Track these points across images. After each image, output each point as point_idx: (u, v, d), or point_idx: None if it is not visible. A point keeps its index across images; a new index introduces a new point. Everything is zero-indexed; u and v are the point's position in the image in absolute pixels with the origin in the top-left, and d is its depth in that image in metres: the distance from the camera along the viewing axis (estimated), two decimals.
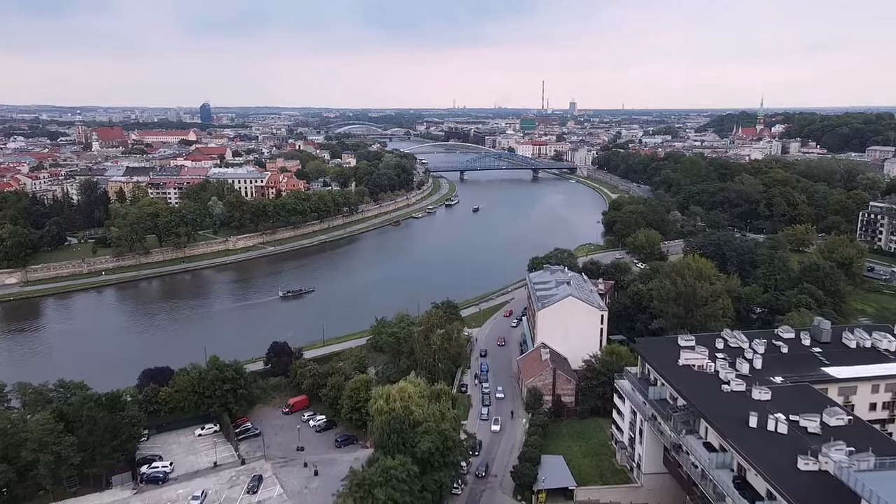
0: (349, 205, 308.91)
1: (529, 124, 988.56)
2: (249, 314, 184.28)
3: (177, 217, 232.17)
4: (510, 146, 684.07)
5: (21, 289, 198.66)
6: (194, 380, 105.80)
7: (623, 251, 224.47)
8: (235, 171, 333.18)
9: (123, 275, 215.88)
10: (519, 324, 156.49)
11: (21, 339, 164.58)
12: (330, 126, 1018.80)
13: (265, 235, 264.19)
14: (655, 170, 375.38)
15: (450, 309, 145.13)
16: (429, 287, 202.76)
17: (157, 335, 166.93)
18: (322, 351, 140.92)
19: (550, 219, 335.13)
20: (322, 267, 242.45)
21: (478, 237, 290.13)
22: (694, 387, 77.47)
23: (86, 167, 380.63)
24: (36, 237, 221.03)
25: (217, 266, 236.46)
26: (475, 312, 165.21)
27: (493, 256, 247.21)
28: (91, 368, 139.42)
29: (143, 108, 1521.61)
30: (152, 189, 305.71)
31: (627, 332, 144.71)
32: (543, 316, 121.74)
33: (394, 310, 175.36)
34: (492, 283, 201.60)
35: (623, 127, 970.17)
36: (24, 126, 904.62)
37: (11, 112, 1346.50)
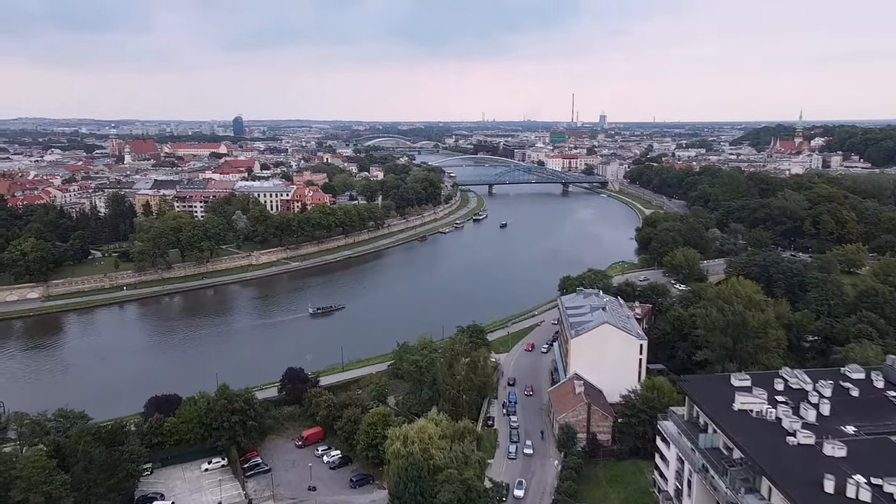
0: (375, 219, 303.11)
1: (559, 137, 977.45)
2: (272, 333, 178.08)
3: (200, 231, 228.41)
4: (540, 159, 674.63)
5: (42, 304, 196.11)
6: (201, 410, 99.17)
7: (659, 271, 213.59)
8: (261, 185, 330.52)
9: (145, 290, 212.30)
10: (549, 349, 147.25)
11: (37, 357, 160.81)
12: (359, 139, 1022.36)
13: (289, 250, 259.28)
14: (691, 184, 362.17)
15: (476, 333, 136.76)
16: (454, 307, 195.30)
17: (173, 355, 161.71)
18: (341, 377, 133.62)
19: (581, 235, 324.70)
20: (347, 283, 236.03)
21: (506, 254, 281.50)
22: (753, 437, 67.70)
23: (115, 180, 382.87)
24: (60, 251, 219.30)
25: (240, 281, 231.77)
26: (503, 336, 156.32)
27: (521, 274, 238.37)
28: (102, 390, 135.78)
29: (179, 121, 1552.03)
30: (178, 202, 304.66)
31: (667, 361, 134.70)
32: (577, 344, 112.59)
33: (417, 331, 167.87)
34: (521, 303, 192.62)
35: (655, 140, 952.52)
36: (63, 139, 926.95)
37: (52, 125, 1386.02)
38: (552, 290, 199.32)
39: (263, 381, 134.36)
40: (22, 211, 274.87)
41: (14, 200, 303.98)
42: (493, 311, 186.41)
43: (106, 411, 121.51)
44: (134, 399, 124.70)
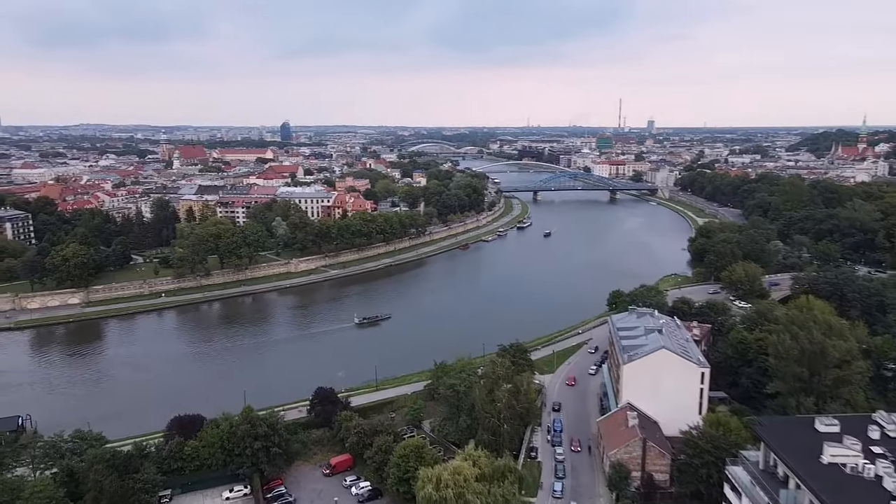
0: (416, 227, 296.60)
1: (606, 143, 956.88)
2: (311, 345, 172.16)
3: (238, 238, 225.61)
4: (586, 165, 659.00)
5: (82, 310, 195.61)
6: (224, 434, 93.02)
7: (716, 285, 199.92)
8: (303, 191, 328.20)
9: (183, 297, 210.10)
10: (598, 371, 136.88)
11: (74, 365, 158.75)
12: (404, 144, 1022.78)
13: (328, 258, 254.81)
14: (748, 192, 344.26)
15: (518, 353, 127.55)
16: (496, 319, 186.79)
17: (206, 367, 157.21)
18: (374, 396, 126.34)
19: (630, 245, 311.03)
20: (388, 293, 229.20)
21: (551, 264, 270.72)
22: (850, 501, 57.01)
23: (161, 185, 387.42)
24: (102, 256, 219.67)
25: (278, 289, 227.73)
26: (547, 356, 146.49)
27: (567, 286, 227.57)
28: (131, 403, 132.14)
29: (230, 127, 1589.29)
30: (221, 208, 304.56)
31: (729, 388, 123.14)
32: (630, 371, 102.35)
33: (456, 345, 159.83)
34: (566, 318, 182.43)
35: (706, 145, 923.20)
36: (119, 144, 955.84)
37: (111, 131, 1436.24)
38: (600, 305, 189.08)
39: (295, 397, 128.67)
40: (70, 215, 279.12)
41: (64, 205, 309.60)
42: (537, 325, 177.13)
43: (131, 427, 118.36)
44: (161, 414, 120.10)
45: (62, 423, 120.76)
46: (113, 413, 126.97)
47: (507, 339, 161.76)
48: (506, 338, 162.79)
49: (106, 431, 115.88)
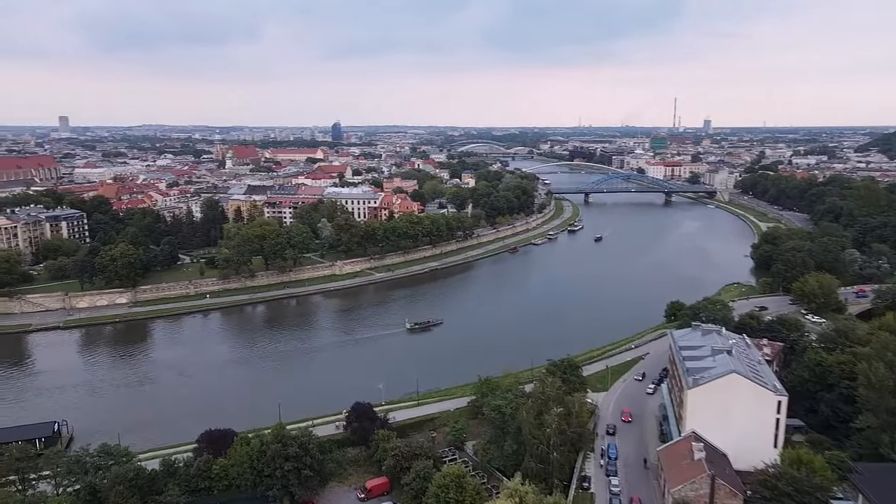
0: (463, 229, 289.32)
1: (660, 143, 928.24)
2: (356, 351, 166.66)
3: (283, 239, 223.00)
4: (640, 167, 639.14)
5: (129, 310, 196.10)
6: (253, 452, 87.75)
7: (784, 297, 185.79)
8: (350, 191, 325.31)
9: (228, 298, 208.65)
10: (656, 390, 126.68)
11: (118, 367, 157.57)
12: (453, 144, 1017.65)
13: (373, 260, 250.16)
14: (816, 196, 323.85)
15: (569, 369, 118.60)
16: (545, 329, 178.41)
17: (246, 372, 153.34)
18: (415, 412, 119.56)
19: (688, 250, 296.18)
20: (434, 297, 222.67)
21: (603, 269, 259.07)
22: None
23: (212, 185, 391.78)
24: (150, 256, 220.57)
25: (323, 292, 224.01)
26: (601, 371, 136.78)
27: (621, 294, 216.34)
28: (168, 411, 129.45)
29: (283, 127, 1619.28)
30: (268, 208, 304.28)
31: (806, 416, 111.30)
32: (695, 396, 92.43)
33: (502, 357, 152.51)
34: (620, 329, 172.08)
35: (766, 146, 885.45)
36: (177, 144, 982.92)
37: (171, 132, 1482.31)
38: (656, 316, 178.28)
39: (332, 408, 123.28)
40: (124, 214, 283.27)
41: (119, 204, 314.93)
42: (588, 336, 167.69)
43: (165, 435, 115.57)
44: (195, 423, 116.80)
45: (98, 430, 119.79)
46: (149, 420, 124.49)
47: (557, 350, 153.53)
48: (555, 349, 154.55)
49: (138, 440, 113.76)
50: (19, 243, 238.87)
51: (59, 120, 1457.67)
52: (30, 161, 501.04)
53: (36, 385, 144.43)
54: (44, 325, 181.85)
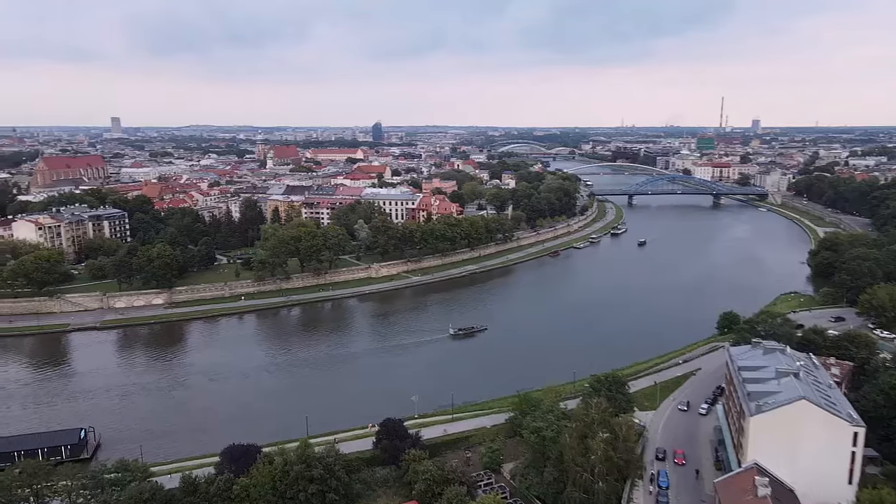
0: (503, 231, 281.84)
1: (707, 144, 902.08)
2: (394, 358, 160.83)
3: (319, 241, 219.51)
4: (686, 168, 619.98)
5: (165, 310, 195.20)
6: (276, 471, 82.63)
7: (848, 309, 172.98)
8: (388, 192, 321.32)
9: (263, 301, 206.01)
10: (709, 410, 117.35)
11: (151, 371, 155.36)
12: (494, 145, 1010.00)
13: (410, 263, 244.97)
14: (879, 200, 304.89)
15: (614, 386, 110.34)
16: (587, 338, 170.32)
17: (277, 381, 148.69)
18: (448, 427, 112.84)
19: (739, 256, 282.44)
20: (473, 302, 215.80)
21: (648, 275, 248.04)
22: None
23: (251, 185, 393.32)
24: (188, 256, 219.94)
25: (358, 295, 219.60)
26: (649, 387, 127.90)
27: (667, 302, 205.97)
28: (195, 419, 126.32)
29: (325, 127, 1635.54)
30: (306, 209, 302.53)
31: (879, 444, 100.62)
32: (758, 425, 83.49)
33: (542, 367, 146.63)
34: (668, 340, 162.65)
35: (820, 146, 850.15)
36: (222, 144, 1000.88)
37: (217, 132, 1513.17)
38: (707, 326, 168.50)
39: (363, 420, 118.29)
40: (165, 214, 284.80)
41: (161, 203, 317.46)
42: (635, 347, 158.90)
43: (189, 446, 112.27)
44: (221, 433, 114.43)
45: (125, 437, 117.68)
46: (176, 428, 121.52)
47: (600, 362, 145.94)
48: (598, 361, 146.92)
49: (163, 450, 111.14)
50: (62, 242, 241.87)
51: (111, 121, 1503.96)
52: (79, 161, 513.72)
53: (69, 388, 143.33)
54: (81, 325, 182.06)
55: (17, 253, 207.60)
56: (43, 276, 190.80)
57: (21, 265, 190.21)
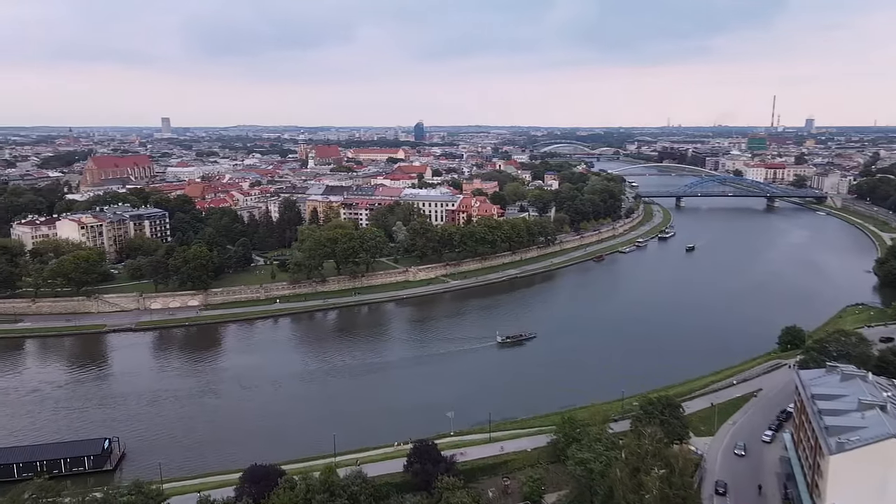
0: (545, 234, 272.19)
1: (759, 144, 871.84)
2: (435, 368, 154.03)
3: (356, 243, 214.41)
4: (737, 169, 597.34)
5: (199, 313, 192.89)
6: (299, 499, 76.39)
7: None
8: (428, 193, 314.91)
9: (298, 304, 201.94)
10: (773, 438, 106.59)
11: (184, 376, 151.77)
12: (536, 145, 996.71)
13: (449, 267, 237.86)
14: None
15: (668, 409, 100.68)
16: (635, 349, 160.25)
17: (308, 390, 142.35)
18: (485, 451, 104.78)
19: (796, 263, 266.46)
20: (514, 308, 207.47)
21: (698, 283, 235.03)
22: None
23: (291, 185, 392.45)
24: (224, 257, 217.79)
25: (395, 299, 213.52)
26: (705, 409, 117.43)
27: (720, 313, 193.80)
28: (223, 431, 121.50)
29: (368, 127, 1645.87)
30: (344, 209, 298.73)
31: None
32: (841, 465, 73.32)
33: (586, 384, 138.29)
34: (723, 356, 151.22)
35: (880, 147, 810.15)
36: (266, 144, 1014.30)
37: (263, 132, 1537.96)
38: (766, 341, 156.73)
39: (394, 437, 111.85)
40: (204, 214, 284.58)
41: (202, 203, 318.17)
42: (687, 363, 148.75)
43: (212, 460, 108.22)
44: (248, 446, 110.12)
45: (150, 448, 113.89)
46: (202, 439, 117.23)
47: (648, 376, 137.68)
48: (646, 375, 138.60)
49: (187, 464, 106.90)
50: (104, 241, 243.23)
51: (162, 121, 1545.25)
52: (126, 160, 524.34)
53: (100, 392, 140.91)
54: (117, 326, 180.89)
55: (60, 252, 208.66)
56: (81, 276, 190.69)
57: (60, 265, 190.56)
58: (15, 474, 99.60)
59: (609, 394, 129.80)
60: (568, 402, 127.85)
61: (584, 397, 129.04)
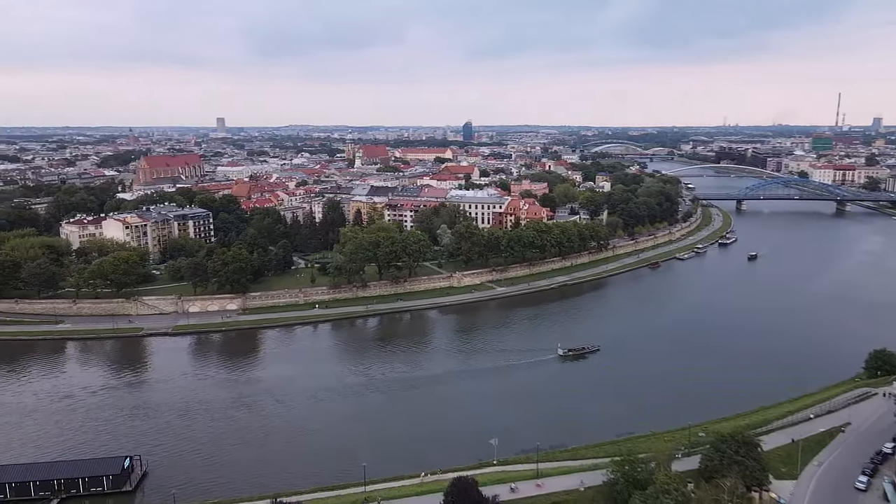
0: (597, 239, 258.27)
1: (824, 144, 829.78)
2: (486, 384, 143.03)
3: (399, 247, 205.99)
4: (802, 170, 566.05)
5: (238, 317, 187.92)
6: None
7: None
8: (474, 195, 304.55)
9: (337, 310, 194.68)
10: (869, 484, 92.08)
11: (219, 385, 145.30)
12: (587, 144, 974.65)
13: (495, 272, 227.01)
14: None
15: (744, 448, 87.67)
16: (697, 370, 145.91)
17: (342, 408, 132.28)
18: (532, 488, 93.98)
19: (875, 274, 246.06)
20: (564, 318, 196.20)
21: (763, 295, 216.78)
22: None
23: (336, 185, 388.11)
24: (264, 259, 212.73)
25: (439, 306, 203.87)
26: (784, 446, 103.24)
27: (790, 330, 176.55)
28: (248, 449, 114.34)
29: (417, 126, 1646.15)
30: (389, 210, 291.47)
31: None
32: None
33: (644, 407, 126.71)
34: (799, 380, 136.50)
35: None
36: (316, 144, 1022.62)
37: (314, 131, 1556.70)
38: (849, 364, 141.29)
39: (430, 463, 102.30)
40: (248, 214, 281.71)
41: (248, 203, 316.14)
42: (756, 386, 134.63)
43: (234, 485, 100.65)
44: (277, 469, 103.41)
45: (175, 465, 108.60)
46: (228, 460, 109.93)
47: (716, 403, 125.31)
48: (713, 401, 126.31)
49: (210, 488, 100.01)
50: (148, 241, 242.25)
51: (217, 121, 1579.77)
52: (177, 160, 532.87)
53: (132, 401, 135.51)
54: (154, 330, 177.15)
55: (105, 252, 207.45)
56: (121, 277, 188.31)
57: (101, 266, 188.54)
58: (32, 493, 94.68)
59: (671, 419, 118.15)
60: (625, 427, 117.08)
61: (643, 422, 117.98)
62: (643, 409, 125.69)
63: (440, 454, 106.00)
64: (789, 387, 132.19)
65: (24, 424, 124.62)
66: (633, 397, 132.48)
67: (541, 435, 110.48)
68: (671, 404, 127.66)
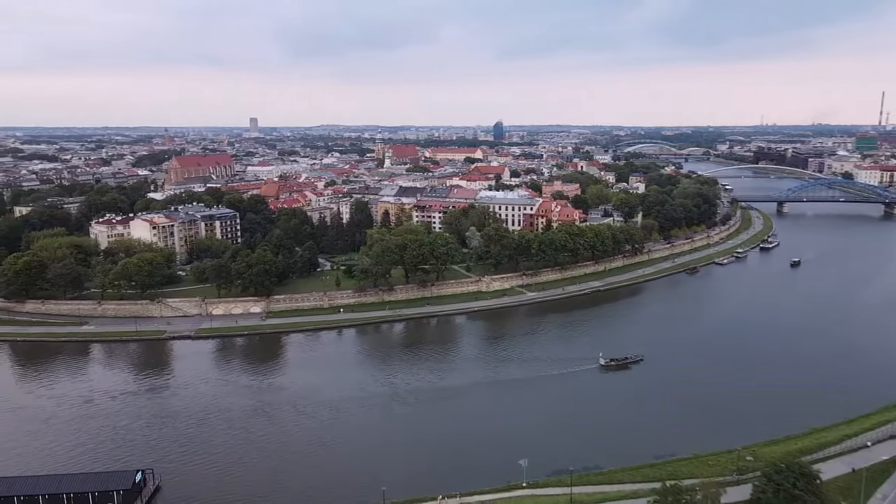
0: (632, 243, 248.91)
1: (869, 144, 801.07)
2: (518, 396, 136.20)
3: (426, 250, 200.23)
4: (846, 171, 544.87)
5: (261, 321, 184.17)
6: None
7: None
8: (504, 196, 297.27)
9: (362, 314, 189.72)
10: None
11: (236, 392, 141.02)
12: (619, 144, 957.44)
13: (525, 277, 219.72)
14: None
15: (800, 480, 79.50)
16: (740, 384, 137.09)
17: (368, 418, 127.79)
18: None
19: None
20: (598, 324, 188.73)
21: (808, 304, 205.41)
22: None
23: (364, 185, 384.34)
24: (289, 261, 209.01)
25: (467, 312, 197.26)
26: (844, 475, 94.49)
27: (838, 343, 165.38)
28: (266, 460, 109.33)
29: (448, 126, 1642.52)
30: (417, 212, 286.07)
31: None
32: None
33: (686, 424, 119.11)
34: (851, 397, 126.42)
35: None
36: (347, 143, 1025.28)
37: (345, 131, 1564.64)
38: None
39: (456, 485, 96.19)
40: (275, 215, 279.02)
41: (275, 203, 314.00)
42: (805, 403, 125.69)
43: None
44: (292, 489, 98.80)
45: (188, 479, 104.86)
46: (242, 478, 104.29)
47: (761, 420, 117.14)
48: (759, 419, 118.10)
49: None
50: (175, 242, 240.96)
51: (249, 121, 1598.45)
52: (208, 159, 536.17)
53: (151, 408, 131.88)
54: (176, 333, 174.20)
55: (131, 252, 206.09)
56: (145, 278, 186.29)
57: (125, 267, 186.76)
58: None
59: (715, 439, 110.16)
60: (665, 447, 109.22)
61: (684, 442, 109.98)
62: (684, 427, 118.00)
63: (465, 474, 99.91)
64: (843, 405, 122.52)
65: (41, 431, 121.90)
66: (673, 413, 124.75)
67: (574, 454, 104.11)
68: (713, 422, 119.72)
